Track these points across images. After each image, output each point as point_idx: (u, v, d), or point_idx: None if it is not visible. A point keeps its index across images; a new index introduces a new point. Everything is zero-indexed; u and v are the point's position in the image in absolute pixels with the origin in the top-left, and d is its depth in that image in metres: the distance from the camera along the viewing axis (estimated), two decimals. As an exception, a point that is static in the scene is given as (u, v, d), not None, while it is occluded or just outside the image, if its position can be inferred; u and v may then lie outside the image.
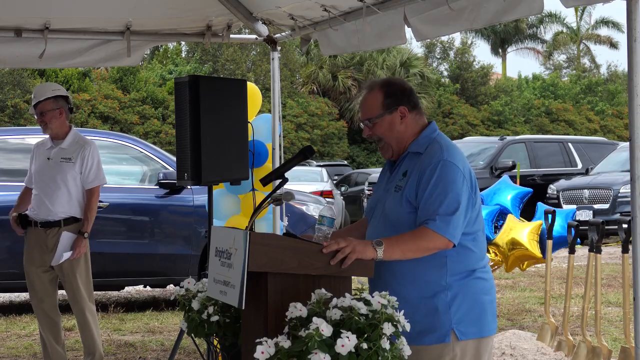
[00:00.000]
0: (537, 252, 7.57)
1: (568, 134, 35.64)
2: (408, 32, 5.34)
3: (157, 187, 9.34)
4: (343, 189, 24.13)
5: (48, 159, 6.35)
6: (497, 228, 8.21)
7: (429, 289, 3.53)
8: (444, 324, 3.51)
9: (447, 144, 3.62)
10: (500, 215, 8.27)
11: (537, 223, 7.68)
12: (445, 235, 3.45)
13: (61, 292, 6.55)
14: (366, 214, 3.85)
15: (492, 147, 18.57)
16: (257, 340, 3.01)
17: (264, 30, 6.55)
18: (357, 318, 3.02)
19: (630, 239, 3.78)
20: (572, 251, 6.77)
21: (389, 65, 36.54)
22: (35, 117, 6.39)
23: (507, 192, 8.38)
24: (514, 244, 7.56)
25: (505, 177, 8.94)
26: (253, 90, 6.63)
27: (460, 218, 3.49)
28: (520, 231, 7.58)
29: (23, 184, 6.62)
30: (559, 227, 7.51)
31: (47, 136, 6.48)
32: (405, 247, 3.44)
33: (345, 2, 5.44)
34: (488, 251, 8.04)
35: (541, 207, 8.03)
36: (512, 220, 7.79)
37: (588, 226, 6.41)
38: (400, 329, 3.10)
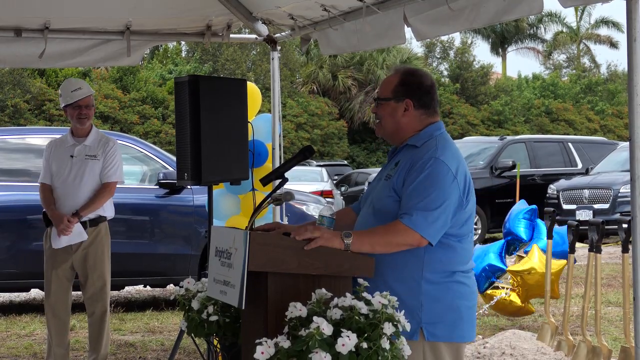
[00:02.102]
0: (556, 292, 7.68)
1: (568, 134, 35.65)
2: (408, 31, 5.34)
3: (157, 187, 9.34)
4: (343, 189, 24.15)
5: (71, 156, 6.26)
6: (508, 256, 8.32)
7: (404, 280, 3.48)
8: (414, 321, 3.42)
9: (444, 143, 3.59)
10: (512, 245, 8.33)
11: (562, 264, 7.64)
12: (418, 231, 3.39)
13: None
14: (360, 205, 3.86)
15: (492, 147, 18.53)
16: (257, 340, 3.01)
17: (264, 30, 6.55)
18: (357, 318, 3.02)
19: (630, 238, 3.78)
20: (572, 251, 6.78)
21: (389, 65, 36.52)
22: (70, 110, 6.23)
23: (519, 221, 8.39)
24: (531, 271, 7.71)
25: (519, 203, 8.87)
26: (253, 90, 6.63)
27: (442, 217, 3.43)
28: (542, 264, 7.63)
29: (23, 184, 6.56)
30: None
31: (61, 135, 6.41)
32: (374, 240, 3.41)
33: (345, 2, 5.44)
34: (505, 277, 8.13)
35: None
36: (536, 250, 7.88)
37: (588, 226, 6.41)
38: (401, 329, 3.10)
